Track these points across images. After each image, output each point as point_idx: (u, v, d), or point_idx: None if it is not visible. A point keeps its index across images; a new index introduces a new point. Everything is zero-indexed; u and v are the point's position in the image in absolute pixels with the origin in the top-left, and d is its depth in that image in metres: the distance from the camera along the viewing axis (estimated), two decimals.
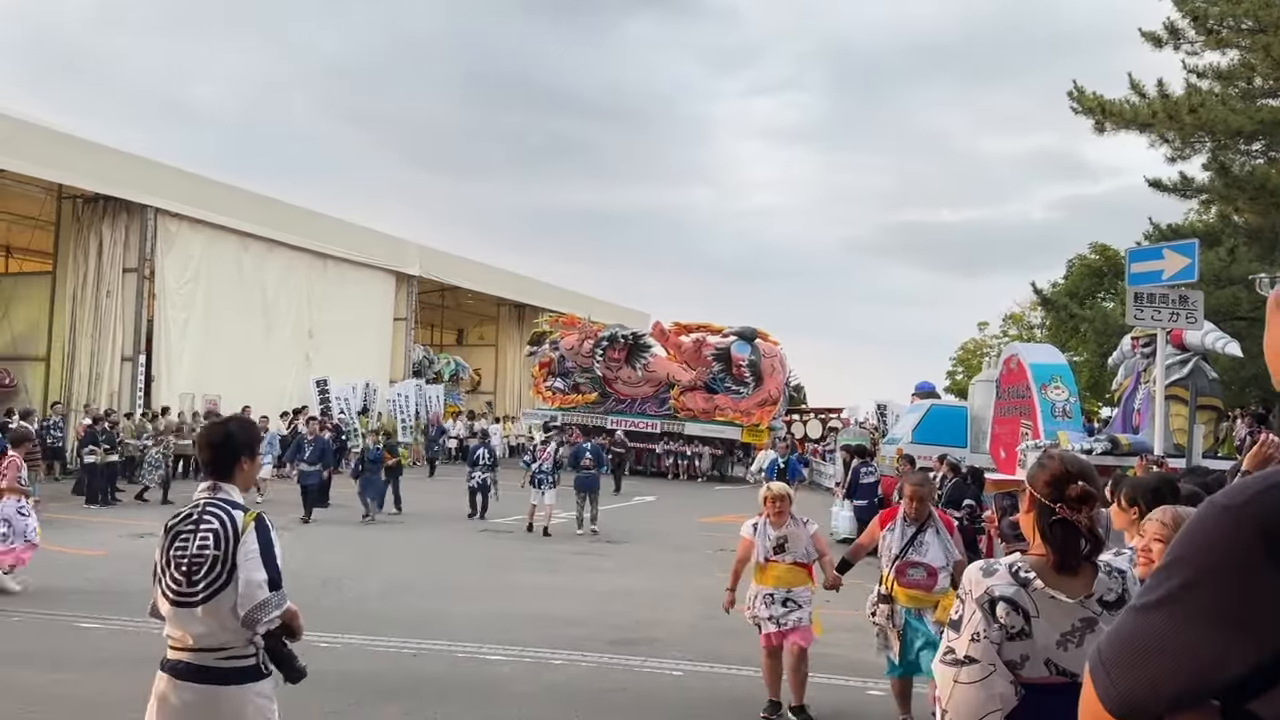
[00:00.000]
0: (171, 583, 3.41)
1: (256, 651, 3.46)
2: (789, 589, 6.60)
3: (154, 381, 24.20)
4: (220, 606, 3.35)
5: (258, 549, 3.44)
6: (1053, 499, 2.66)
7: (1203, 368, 14.43)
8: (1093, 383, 30.34)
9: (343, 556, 13.15)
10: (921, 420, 22.18)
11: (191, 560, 3.39)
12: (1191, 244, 12.03)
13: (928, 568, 6.12)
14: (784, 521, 6.69)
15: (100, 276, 23.73)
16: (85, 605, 9.36)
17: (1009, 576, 2.63)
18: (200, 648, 3.38)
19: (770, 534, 6.69)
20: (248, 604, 3.35)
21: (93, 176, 22.77)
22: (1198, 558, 1.09)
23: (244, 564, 3.39)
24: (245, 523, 3.44)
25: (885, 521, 6.43)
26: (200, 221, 25.33)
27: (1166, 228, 22.34)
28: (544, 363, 34.22)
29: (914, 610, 6.18)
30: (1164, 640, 1.10)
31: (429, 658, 7.98)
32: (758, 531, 6.72)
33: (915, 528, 6.25)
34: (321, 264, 30.23)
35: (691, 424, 31.35)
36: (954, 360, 58.45)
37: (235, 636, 3.40)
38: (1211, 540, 1.08)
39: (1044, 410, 16.10)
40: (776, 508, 6.70)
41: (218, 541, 3.40)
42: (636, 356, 32.80)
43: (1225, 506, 1.09)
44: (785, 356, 32.84)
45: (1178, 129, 18.18)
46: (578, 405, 32.99)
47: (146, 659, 7.47)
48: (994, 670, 2.56)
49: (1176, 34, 18.50)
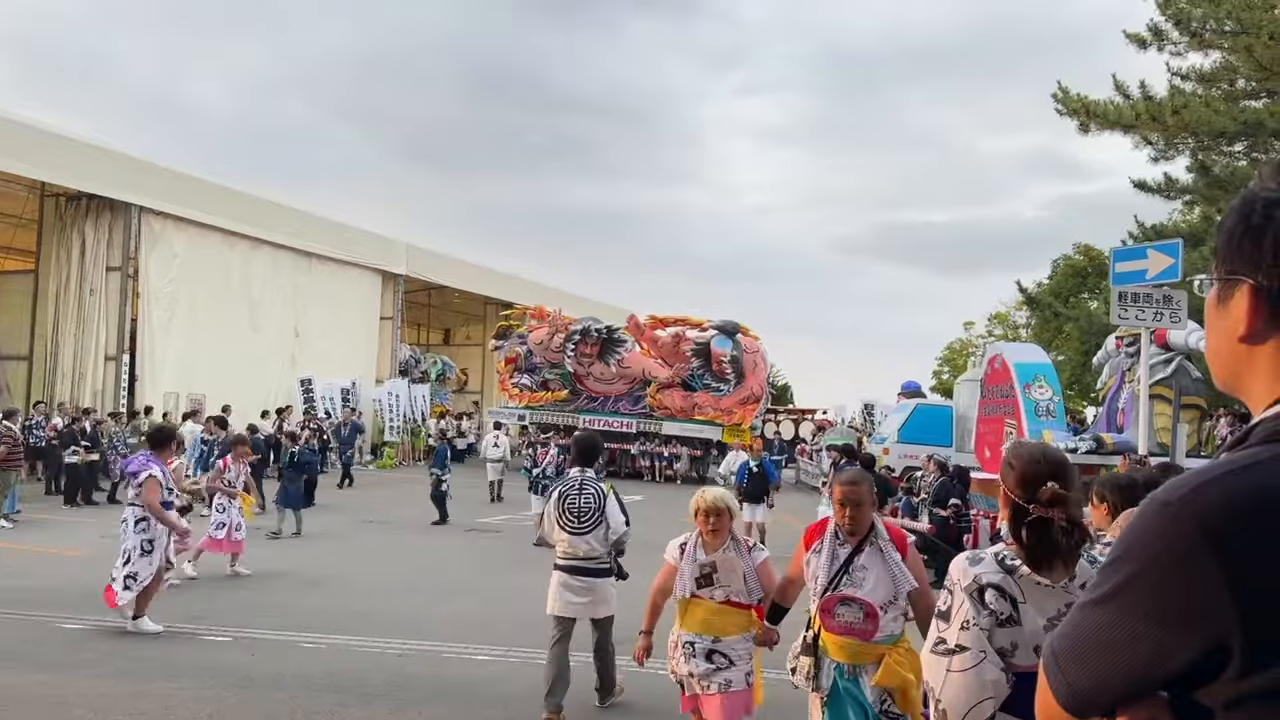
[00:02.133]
0: (569, 521, 6.44)
1: (611, 560, 6.61)
2: (717, 637, 4.85)
3: (138, 381, 24.06)
4: (596, 535, 6.47)
5: (617, 505, 6.60)
6: (1026, 500, 2.67)
7: (1186, 367, 14.50)
8: (1074, 381, 30.48)
9: (328, 558, 13.10)
10: (907, 420, 22.31)
11: (580, 509, 6.46)
12: (1175, 244, 12.07)
13: (865, 605, 4.12)
14: (720, 543, 4.94)
15: (83, 275, 23.60)
16: (64, 605, 9.30)
17: (995, 564, 2.66)
18: (585, 557, 6.50)
19: (698, 558, 4.93)
20: (615, 535, 6.54)
21: (76, 174, 22.61)
22: (1140, 553, 1.11)
23: (610, 513, 6.50)
24: (607, 490, 6.60)
25: (811, 539, 4.40)
26: (185, 220, 25.19)
27: (1151, 228, 22.46)
28: (510, 358, 32.82)
29: (846, 668, 4.18)
30: (1110, 635, 1.13)
31: (414, 658, 7.95)
32: (684, 554, 4.99)
33: (850, 547, 4.24)
34: (307, 263, 30.10)
35: (669, 423, 29.69)
36: (940, 360, 58.72)
37: (603, 552, 6.54)
38: (1151, 536, 1.11)
39: (1028, 409, 16.16)
40: (711, 524, 4.92)
41: (595, 499, 6.50)
42: (610, 351, 30.97)
43: (1165, 502, 1.11)
44: (766, 352, 31.22)
45: (1161, 130, 18.28)
46: (546, 403, 31.49)
47: (124, 660, 7.47)
48: (985, 657, 2.57)
49: (1160, 35, 18.59)
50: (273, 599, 10.26)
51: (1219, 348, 1.26)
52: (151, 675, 7.12)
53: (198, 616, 9.17)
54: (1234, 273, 1.21)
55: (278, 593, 10.67)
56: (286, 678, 7.11)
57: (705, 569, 4.90)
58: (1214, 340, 1.27)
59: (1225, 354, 1.25)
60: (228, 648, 8.13)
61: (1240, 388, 1.25)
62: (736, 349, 29.58)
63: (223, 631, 8.65)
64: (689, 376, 30.12)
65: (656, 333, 30.92)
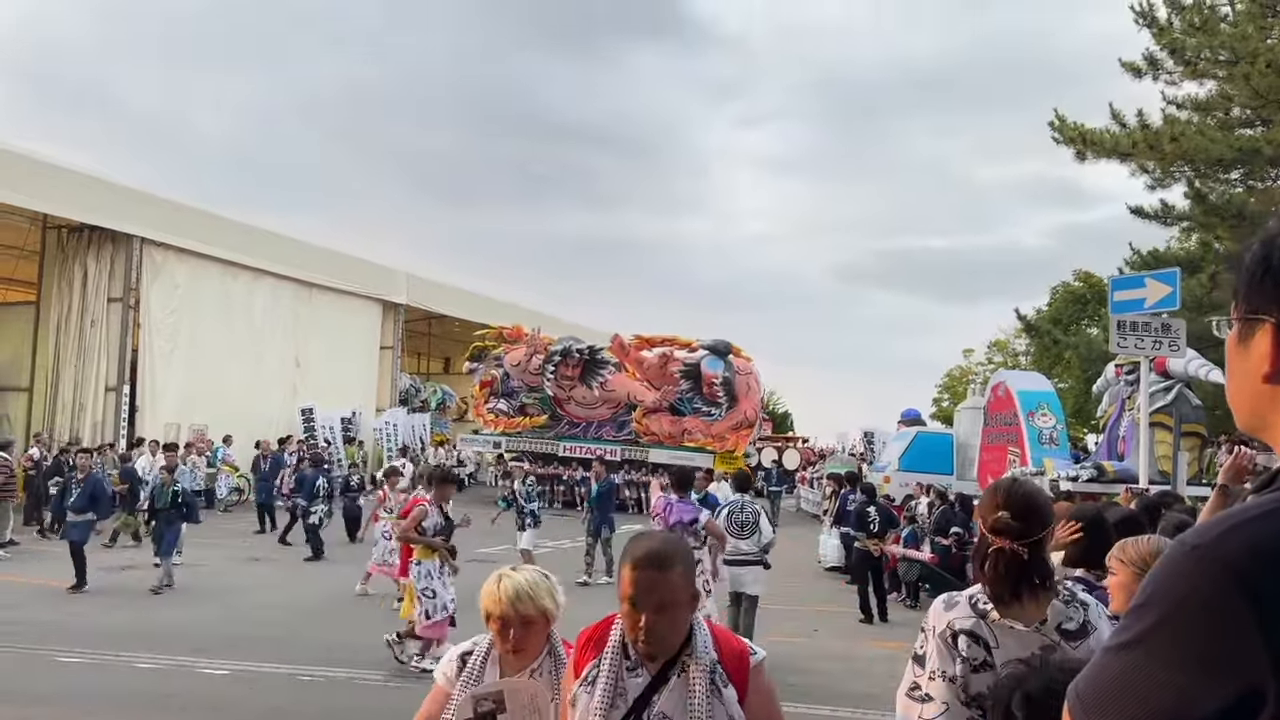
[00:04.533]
0: (737, 529, 9.30)
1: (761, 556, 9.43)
2: None
3: (138, 412, 24.04)
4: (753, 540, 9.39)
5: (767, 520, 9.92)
6: (987, 529, 2.67)
7: (1186, 395, 14.52)
8: (1077, 409, 30.46)
9: (330, 586, 13.03)
10: (908, 448, 22.28)
11: (743, 522, 9.42)
12: (1173, 272, 12.11)
13: None
14: (526, 662, 2.86)
15: (85, 306, 23.62)
16: (64, 639, 9.24)
17: (969, 609, 2.62)
18: (746, 553, 9.35)
19: (479, 683, 2.85)
20: (765, 539, 9.47)
21: (78, 206, 22.70)
22: (1166, 598, 1.10)
23: (762, 525, 9.52)
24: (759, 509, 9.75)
25: (581, 664, 2.50)
26: (186, 251, 25.27)
27: (1148, 254, 22.54)
28: (485, 381, 31.00)
29: None
30: (1136, 680, 1.10)
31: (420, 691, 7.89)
32: (464, 671, 2.91)
33: (646, 677, 2.42)
34: (308, 292, 30.18)
35: (656, 450, 27.20)
36: (940, 387, 58.67)
37: (757, 550, 9.43)
38: (1179, 580, 1.09)
39: (1031, 437, 16.18)
40: (511, 639, 2.82)
41: (753, 515, 9.50)
42: (593, 373, 28.69)
43: (1193, 546, 1.10)
44: (759, 375, 28.89)
45: (1158, 158, 18.39)
46: (523, 429, 29.50)
47: (122, 693, 7.42)
48: (947, 709, 2.54)
49: (1156, 65, 18.77)
50: (300, 631, 10.20)
51: (1241, 388, 1.24)
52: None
53: (199, 649, 9.11)
54: (1255, 312, 1.19)
55: (285, 624, 10.60)
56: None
57: (485, 705, 2.69)
58: (1235, 381, 1.25)
59: (1248, 394, 1.23)
60: (223, 680, 8.08)
61: (1264, 429, 1.22)
62: (729, 370, 27.49)
63: (221, 665, 8.59)
64: (677, 400, 27.99)
65: (643, 353, 28.44)
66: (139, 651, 8.82)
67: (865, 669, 9.36)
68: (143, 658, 8.65)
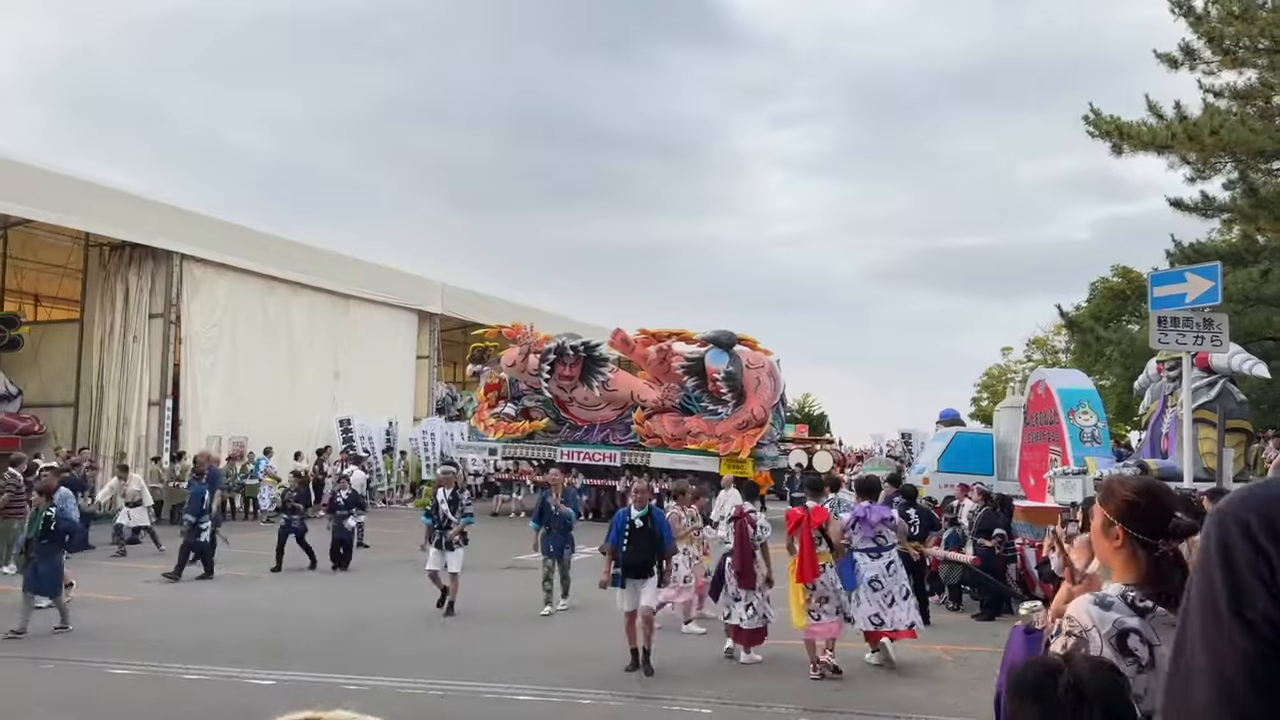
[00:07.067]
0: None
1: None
2: None
3: (180, 425, 24.42)
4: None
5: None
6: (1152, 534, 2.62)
7: (1230, 390, 14.25)
8: (1121, 407, 30.02)
9: (363, 597, 13.14)
10: (947, 448, 22.04)
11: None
12: (1214, 266, 11.89)
13: None
14: None
15: (127, 323, 24.08)
16: (115, 651, 9.40)
17: (1127, 607, 2.58)
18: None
19: None
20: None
21: (119, 224, 23.15)
22: (1197, 559, 1.26)
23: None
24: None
25: None
26: (225, 266, 25.69)
27: (1189, 246, 22.19)
28: (492, 384, 29.18)
29: None
30: (1184, 636, 1.26)
31: (457, 699, 7.93)
32: None
33: None
34: (345, 305, 30.54)
35: (658, 454, 25.19)
36: (978, 386, 58.12)
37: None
38: (1204, 541, 1.24)
39: (1073, 436, 15.95)
40: None
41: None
42: (593, 372, 26.11)
43: (1215, 509, 1.25)
44: (776, 369, 26.14)
45: (1198, 150, 18.08)
46: (521, 434, 27.55)
47: (170, 705, 7.52)
48: None
49: (1192, 55, 18.47)
50: (304, 640, 10.29)
51: None
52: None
53: (237, 659, 9.22)
54: None
55: (316, 635, 10.70)
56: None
57: None
58: None
59: None
60: (247, 689, 8.16)
61: None
62: (733, 364, 25.03)
63: (255, 672, 8.68)
64: (682, 398, 25.75)
65: (647, 349, 26.10)
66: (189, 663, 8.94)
67: (907, 672, 9.28)
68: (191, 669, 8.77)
